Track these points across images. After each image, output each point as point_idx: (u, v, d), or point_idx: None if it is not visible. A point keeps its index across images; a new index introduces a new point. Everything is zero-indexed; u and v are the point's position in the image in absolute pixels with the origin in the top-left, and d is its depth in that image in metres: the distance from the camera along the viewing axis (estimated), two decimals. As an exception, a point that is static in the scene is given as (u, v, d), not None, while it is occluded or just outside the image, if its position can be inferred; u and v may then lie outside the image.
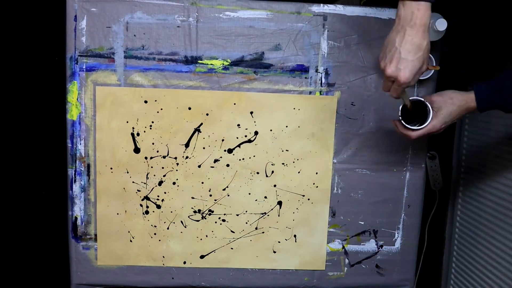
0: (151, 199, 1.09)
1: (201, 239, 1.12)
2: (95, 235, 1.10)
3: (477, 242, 1.33)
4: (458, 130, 1.47)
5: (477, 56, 1.34)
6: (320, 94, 1.07)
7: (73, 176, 1.08)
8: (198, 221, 1.11)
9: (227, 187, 1.10)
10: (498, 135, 1.24)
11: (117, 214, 1.09)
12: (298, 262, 1.14)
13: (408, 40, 0.70)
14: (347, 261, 1.15)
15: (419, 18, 0.69)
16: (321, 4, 1.04)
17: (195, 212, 1.10)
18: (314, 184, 1.10)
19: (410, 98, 0.86)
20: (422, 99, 0.86)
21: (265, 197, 1.10)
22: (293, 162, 1.09)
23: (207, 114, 1.06)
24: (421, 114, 0.87)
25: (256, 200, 1.10)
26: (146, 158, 1.07)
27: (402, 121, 0.86)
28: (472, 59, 1.36)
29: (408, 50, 0.70)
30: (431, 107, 0.85)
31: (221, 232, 1.12)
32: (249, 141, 1.08)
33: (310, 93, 1.07)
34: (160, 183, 1.09)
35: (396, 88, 0.76)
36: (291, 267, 1.14)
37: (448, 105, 0.85)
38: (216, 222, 1.11)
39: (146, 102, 1.05)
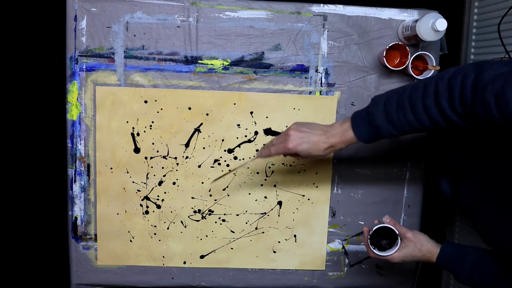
0: (151, 199, 1.09)
1: (201, 239, 1.12)
2: (95, 235, 1.10)
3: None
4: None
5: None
6: (320, 94, 1.07)
7: (73, 176, 1.08)
8: (198, 221, 1.11)
9: (227, 187, 1.10)
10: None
11: (117, 214, 1.09)
12: (298, 262, 1.14)
13: (320, 139, 0.81)
14: (347, 261, 1.15)
15: (335, 140, 0.80)
16: (321, 4, 1.04)
17: (195, 212, 1.10)
18: (314, 184, 1.10)
19: (387, 225, 0.90)
20: (397, 232, 0.89)
21: (265, 197, 1.10)
22: (293, 162, 1.09)
23: (207, 114, 1.06)
24: (391, 237, 0.92)
25: (256, 200, 1.10)
26: (146, 158, 1.07)
27: (369, 238, 0.91)
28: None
29: (312, 142, 0.81)
30: (400, 240, 0.90)
31: (221, 232, 1.12)
32: (249, 141, 1.08)
33: (310, 93, 1.07)
34: (160, 183, 1.09)
35: (280, 145, 0.84)
36: (291, 267, 1.14)
37: (416, 249, 0.89)
38: (216, 222, 1.11)
39: (146, 102, 1.05)
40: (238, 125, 1.07)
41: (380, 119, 0.76)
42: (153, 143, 1.07)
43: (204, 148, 1.07)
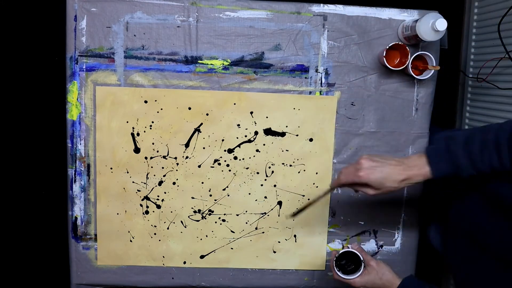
0: (151, 199, 1.09)
1: (201, 239, 1.12)
2: (95, 235, 1.10)
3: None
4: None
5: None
6: (320, 94, 1.07)
7: (73, 176, 1.08)
8: (198, 221, 1.11)
9: (227, 187, 1.10)
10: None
11: (117, 214, 1.09)
12: (298, 262, 1.14)
13: (395, 170, 0.78)
14: (347, 261, 1.15)
15: (413, 172, 0.77)
16: (321, 4, 1.04)
17: (195, 212, 1.10)
18: (314, 184, 1.10)
19: (352, 251, 0.96)
20: (362, 259, 0.95)
21: (265, 197, 1.10)
22: (293, 162, 1.09)
23: (207, 114, 1.06)
24: (357, 263, 0.97)
25: (256, 200, 1.10)
26: (146, 158, 1.07)
27: (335, 261, 0.97)
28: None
29: (387, 172, 0.78)
30: (364, 267, 0.94)
31: (221, 232, 1.12)
32: (249, 141, 1.08)
33: (310, 93, 1.07)
34: (160, 183, 1.09)
35: (351, 173, 0.82)
36: (291, 267, 1.14)
37: (377, 277, 0.93)
38: (216, 222, 1.11)
39: (146, 102, 1.05)
40: (238, 125, 1.07)
41: (462, 158, 0.73)
42: (153, 143, 1.07)
43: (204, 148, 1.07)
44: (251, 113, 1.07)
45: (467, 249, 0.84)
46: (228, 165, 1.08)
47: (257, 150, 1.08)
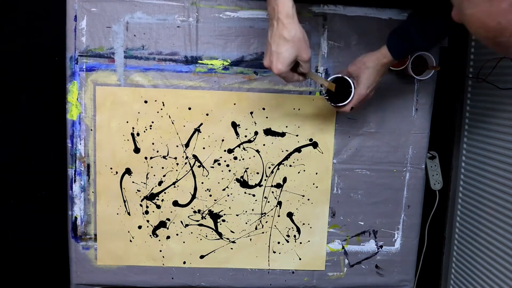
0: (151, 199, 1.09)
1: (201, 239, 1.12)
2: (95, 235, 1.10)
3: (477, 242, 1.33)
4: (458, 130, 1.47)
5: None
6: (320, 94, 1.07)
7: (73, 176, 1.08)
8: (198, 221, 1.11)
9: (227, 187, 1.10)
10: (498, 135, 1.23)
11: (117, 214, 1.09)
12: (298, 262, 1.14)
13: (276, 33, 0.72)
14: (346, 261, 1.15)
15: (280, 11, 0.70)
16: (321, 4, 1.04)
17: (195, 212, 1.10)
18: (314, 184, 1.10)
19: (331, 77, 0.91)
20: (340, 75, 0.90)
21: (265, 197, 1.10)
22: (293, 162, 1.09)
23: (207, 114, 1.06)
24: (345, 89, 0.91)
25: (256, 200, 1.10)
26: (146, 158, 1.07)
27: (329, 102, 0.91)
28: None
29: (277, 43, 0.72)
30: (351, 78, 0.89)
31: (221, 232, 1.12)
32: (249, 141, 1.08)
33: (310, 93, 1.07)
34: (160, 183, 1.09)
35: (280, 77, 0.76)
36: (291, 267, 1.14)
37: (364, 69, 0.88)
38: (216, 222, 1.11)
39: (146, 102, 1.05)
40: (238, 125, 1.07)
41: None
42: (153, 143, 1.07)
43: (204, 148, 1.07)
44: (251, 113, 1.07)
45: None
46: (228, 165, 1.08)
47: (257, 151, 1.08)
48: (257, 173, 1.09)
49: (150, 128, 1.06)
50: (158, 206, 1.10)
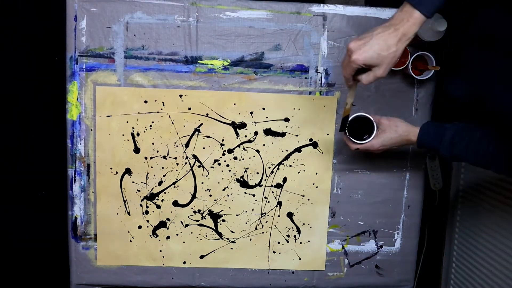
0: (151, 199, 1.09)
1: (200, 239, 1.12)
2: (95, 235, 1.10)
3: (477, 242, 1.33)
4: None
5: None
6: (320, 94, 1.07)
7: (73, 176, 1.08)
8: (198, 221, 1.11)
9: (227, 187, 1.10)
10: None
11: (117, 214, 1.09)
12: (298, 262, 1.14)
13: (384, 35, 0.72)
14: (346, 261, 1.15)
15: (404, 26, 0.71)
16: (321, 4, 1.04)
17: (195, 212, 1.10)
18: (314, 184, 1.10)
19: (360, 114, 0.93)
20: (371, 118, 0.92)
21: (265, 197, 1.10)
22: (293, 162, 1.09)
23: (207, 114, 1.06)
24: (366, 129, 0.94)
25: (256, 200, 1.10)
26: (146, 158, 1.07)
27: (346, 132, 0.92)
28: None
29: (378, 43, 0.72)
30: (377, 127, 0.92)
31: (221, 232, 1.12)
32: (249, 141, 1.08)
33: (310, 93, 1.07)
34: (160, 183, 1.09)
35: (347, 64, 0.75)
36: (291, 267, 1.14)
37: (392, 131, 0.91)
38: (216, 222, 1.11)
39: (146, 102, 1.05)
40: (238, 125, 1.07)
41: None
42: (153, 143, 1.07)
43: (204, 148, 1.07)
44: (251, 113, 1.07)
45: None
46: (228, 165, 1.08)
47: (257, 151, 1.08)
48: (257, 173, 1.09)
49: (150, 128, 1.06)
50: (158, 206, 1.10)
